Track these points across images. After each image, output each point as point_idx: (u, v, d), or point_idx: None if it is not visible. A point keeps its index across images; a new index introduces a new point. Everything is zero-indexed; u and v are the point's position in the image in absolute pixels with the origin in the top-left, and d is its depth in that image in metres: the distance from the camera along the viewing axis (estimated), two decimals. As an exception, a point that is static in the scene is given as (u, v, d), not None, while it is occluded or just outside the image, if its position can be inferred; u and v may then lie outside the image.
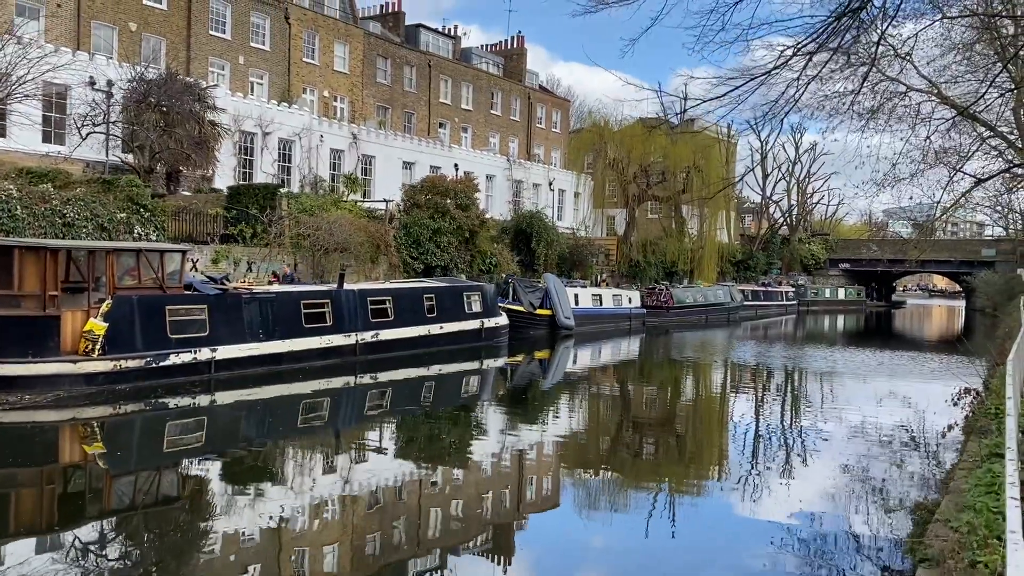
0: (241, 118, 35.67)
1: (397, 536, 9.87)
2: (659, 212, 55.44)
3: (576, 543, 9.74)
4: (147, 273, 16.88)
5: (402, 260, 32.11)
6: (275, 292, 19.64)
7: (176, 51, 36.99)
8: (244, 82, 40.02)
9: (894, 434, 15.95)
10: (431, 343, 23.97)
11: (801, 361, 30.25)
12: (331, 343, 20.42)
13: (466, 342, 25.52)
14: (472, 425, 17.20)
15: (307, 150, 39.11)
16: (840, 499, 11.26)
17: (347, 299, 21.07)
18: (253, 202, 27.25)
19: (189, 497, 11.27)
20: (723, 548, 9.38)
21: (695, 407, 21.01)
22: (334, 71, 44.56)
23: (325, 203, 32.19)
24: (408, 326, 23.00)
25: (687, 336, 38.78)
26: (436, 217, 33.45)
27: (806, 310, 61.06)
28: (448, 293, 25.12)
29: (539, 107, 60.23)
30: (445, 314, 24.55)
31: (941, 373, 21.00)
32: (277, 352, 19.10)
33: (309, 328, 19.87)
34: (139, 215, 22.99)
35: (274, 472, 12.71)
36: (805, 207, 75.58)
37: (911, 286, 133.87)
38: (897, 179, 24.80)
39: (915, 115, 23.39)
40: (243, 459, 13.41)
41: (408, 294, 23.46)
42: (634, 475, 12.96)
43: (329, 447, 14.84)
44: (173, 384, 17.00)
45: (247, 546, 9.19)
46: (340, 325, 20.76)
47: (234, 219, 26.53)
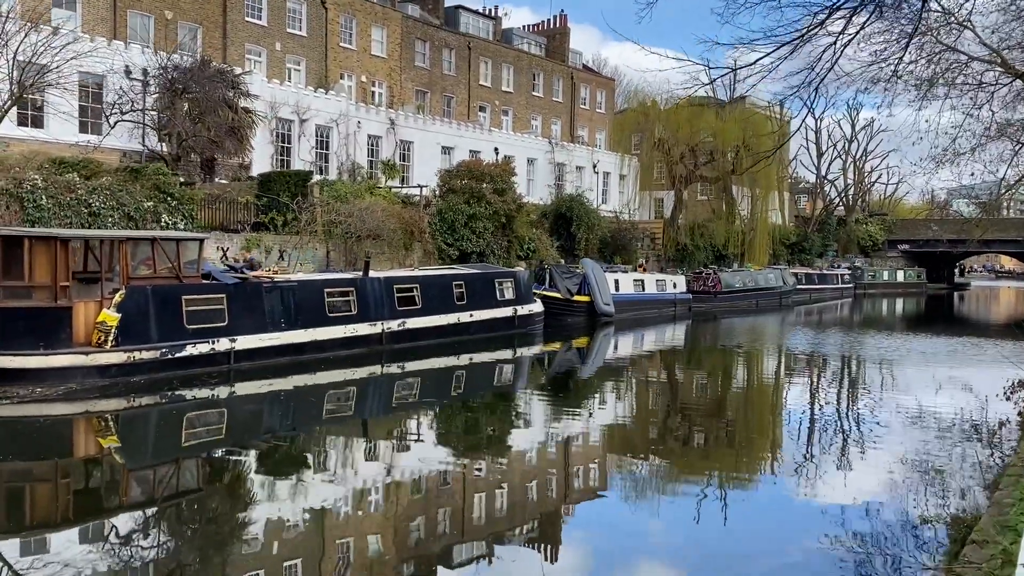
0: (278, 105, 35.46)
1: (441, 525, 9.64)
2: (709, 194, 53.85)
3: (625, 532, 9.50)
4: (163, 262, 16.53)
5: (436, 247, 31.48)
6: (297, 281, 19.18)
7: (212, 38, 36.90)
8: (281, 69, 39.80)
9: (947, 428, 14.78)
10: (461, 331, 23.32)
11: (852, 348, 28.87)
12: (356, 332, 19.90)
13: (498, 330, 24.81)
14: (509, 414, 16.73)
15: (344, 136, 38.74)
16: (886, 496, 10.50)
17: (372, 287, 20.52)
18: (284, 189, 26.88)
19: (212, 489, 10.96)
20: (774, 538, 9.19)
21: (743, 395, 20.19)
22: (372, 56, 44.08)
23: (359, 190, 31.73)
24: (437, 314, 22.38)
25: (736, 322, 37.49)
26: (472, 202, 32.70)
27: (863, 293, 58.86)
28: (479, 280, 24.41)
29: (583, 87, 58.98)
30: (476, 301, 23.86)
31: (1000, 361, 19.67)
32: (299, 342, 18.65)
33: (333, 317, 19.37)
34: (166, 204, 22.75)
35: (303, 462, 12.38)
36: (862, 187, 72.88)
37: (976, 267, 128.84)
38: (957, 154, 23.33)
39: (977, 86, 21.92)
40: (268, 450, 13.09)
41: (437, 281, 22.82)
42: (682, 464, 12.58)
43: (358, 437, 14.48)
44: (190, 376, 16.66)
45: (286, 537, 9.00)
46: (365, 314, 20.23)
47: (265, 207, 26.20)
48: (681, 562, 8.56)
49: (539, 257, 35.90)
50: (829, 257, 62.81)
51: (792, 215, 68.05)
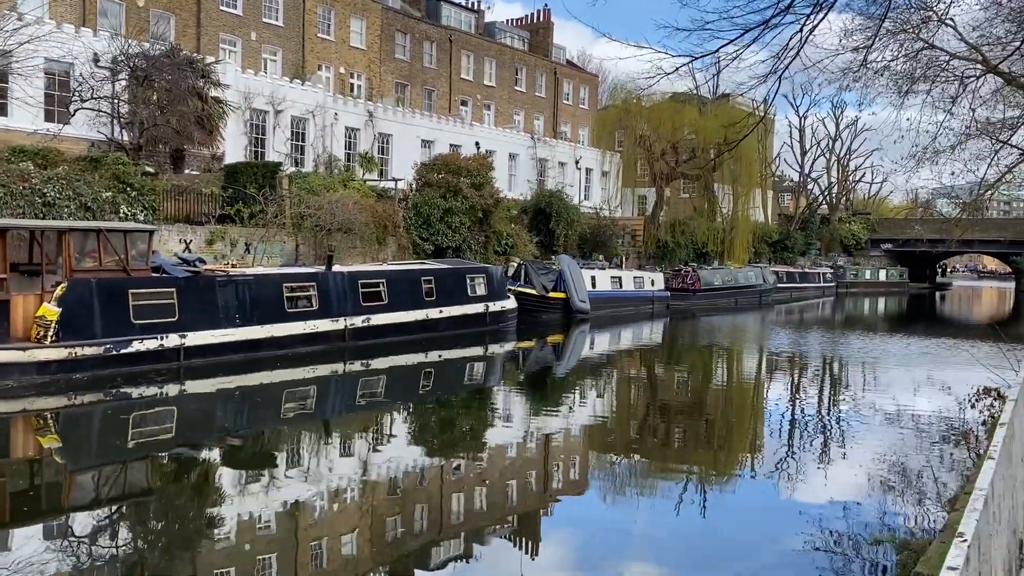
0: (252, 95, 34.76)
1: (411, 527, 9.37)
2: (691, 191, 53.50)
3: (604, 529, 9.46)
4: (110, 255, 15.90)
5: (411, 241, 30.93)
6: (254, 275, 18.57)
7: (185, 27, 36.14)
8: (257, 59, 39.06)
9: (919, 433, 14.48)
10: (430, 328, 22.77)
11: (828, 348, 28.55)
12: (317, 328, 19.33)
13: (469, 327, 24.29)
14: (480, 412, 16.41)
15: (321, 128, 38.06)
16: (844, 507, 10.06)
17: (335, 282, 19.94)
18: (252, 181, 26.25)
19: (162, 492, 10.50)
20: (751, 536, 9.20)
21: (719, 394, 19.95)
22: (350, 47, 43.38)
23: (332, 182, 31.12)
24: (404, 310, 21.82)
25: (714, 320, 37.14)
26: (448, 196, 32.13)
27: (845, 292, 58.70)
28: (449, 275, 23.86)
29: (566, 83, 58.46)
30: (446, 297, 23.32)
31: (973, 365, 19.38)
32: (255, 338, 18.07)
33: (292, 313, 18.78)
34: (126, 194, 22.08)
35: (261, 463, 11.95)
36: (846, 185, 72.73)
37: (959, 267, 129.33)
38: (937, 152, 22.98)
39: (958, 84, 21.59)
40: (222, 451, 12.67)
41: (404, 276, 22.26)
42: (659, 462, 12.56)
43: (321, 436, 14.04)
44: (137, 373, 16.06)
45: (242, 543, 8.71)
46: (327, 309, 19.65)
47: (231, 199, 25.57)
48: (661, 559, 8.55)
49: (517, 253, 35.40)
50: (812, 255, 62.60)
51: (776, 213, 67.80)
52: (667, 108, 47.40)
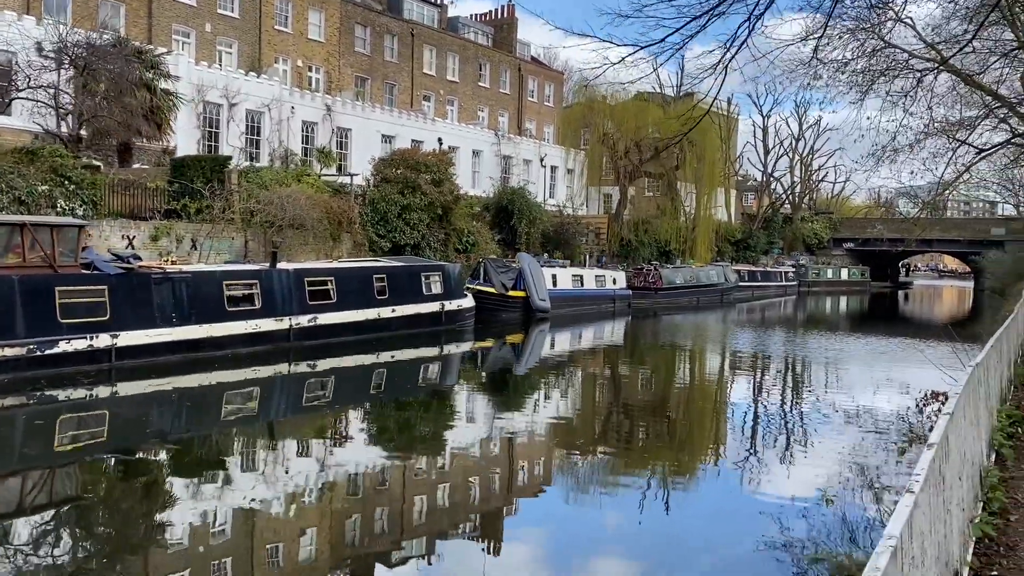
0: (205, 88, 33.86)
1: (353, 535, 9.12)
2: (655, 190, 53.39)
3: (565, 529, 9.43)
4: (35, 250, 15.10)
5: (368, 238, 30.26)
6: (192, 272, 17.82)
7: (136, 17, 35.11)
8: (211, 51, 38.07)
9: (875, 437, 14.17)
10: (381, 328, 22.14)
11: (787, 347, 28.46)
12: (259, 328, 18.63)
13: (423, 326, 23.72)
14: (434, 413, 16.01)
15: (277, 122, 37.21)
16: (808, 506, 9.93)
17: (280, 280, 19.25)
18: (199, 175, 25.43)
19: (92, 498, 9.95)
20: (713, 535, 9.20)
21: (679, 394, 19.76)
22: (308, 40, 42.52)
23: (285, 177, 30.34)
24: (353, 309, 21.17)
25: (676, 319, 36.97)
26: (406, 193, 31.51)
27: (807, 291, 58.98)
28: (402, 273, 23.25)
29: (531, 80, 58.01)
30: (399, 296, 22.72)
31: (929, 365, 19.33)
32: (193, 338, 17.34)
33: (233, 311, 18.07)
34: (64, 188, 21.19)
35: (200, 467, 11.46)
36: (808, 185, 73.21)
37: (921, 266, 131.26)
38: (896, 151, 22.92)
39: (916, 83, 21.53)
40: (158, 455, 12.08)
41: (354, 274, 21.61)
42: (621, 463, 12.43)
43: (264, 439, 13.54)
44: (64, 375, 15.30)
45: (180, 550, 8.29)
46: (271, 308, 18.96)
47: (177, 193, 24.74)
48: (623, 557, 8.49)
49: (479, 251, 34.88)
50: (775, 254, 62.89)
51: (739, 212, 68.03)
52: (631, 106, 47.18)
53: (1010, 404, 8.74)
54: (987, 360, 6.08)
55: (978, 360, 5.38)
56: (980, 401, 5.63)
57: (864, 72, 21.79)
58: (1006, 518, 4.96)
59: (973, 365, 5.02)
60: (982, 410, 5.73)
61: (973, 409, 5.20)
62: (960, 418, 3.95)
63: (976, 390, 5.27)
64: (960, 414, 3.99)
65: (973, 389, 5.05)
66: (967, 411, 4.92)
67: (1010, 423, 7.68)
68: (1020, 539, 4.68)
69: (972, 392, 5.08)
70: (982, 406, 5.71)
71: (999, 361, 7.42)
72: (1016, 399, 9.46)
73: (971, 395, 5.01)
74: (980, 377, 5.64)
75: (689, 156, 47.24)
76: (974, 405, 5.24)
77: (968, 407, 4.95)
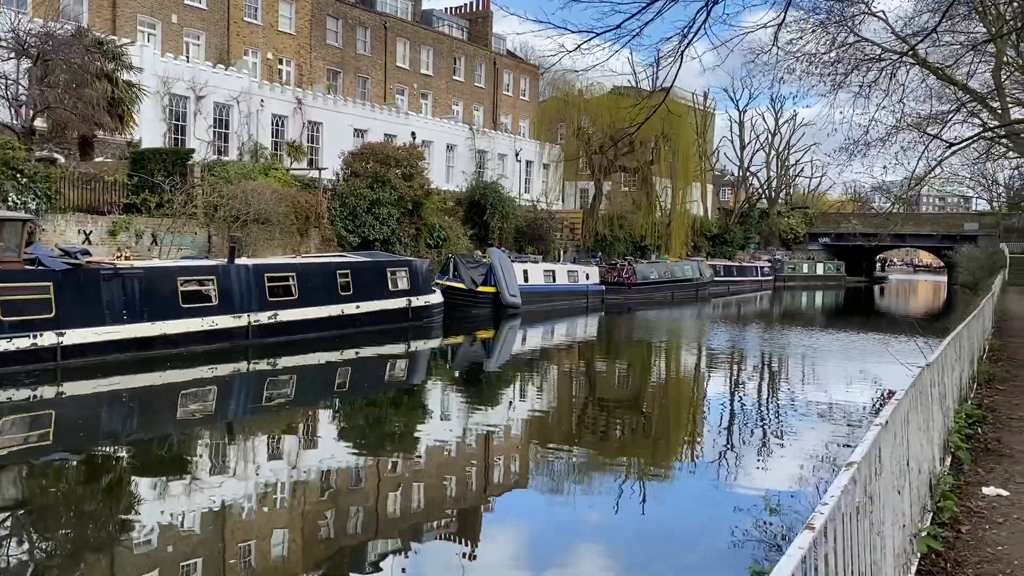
0: (171, 80, 33.22)
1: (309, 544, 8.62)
2: (631, 185, 53.17)
3: (539, 526, 9.33)
4: (-25, 246, 14.52)
5: (336, 233, 29.76)
6: (144, 268, 17.25)
7: (100, 8, 34.29)
8: (178, 43, 37.31)
9: (847, 428, 14.06)
10: (345, 324, 21.67)
11: (760, 343, 28.31)
12: (216, 325, 18.10)
13: (389, 323, 23.27)
14: (401, 411, 15.67)
15: (246, 115, 36.55)
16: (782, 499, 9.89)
17: (238, 275, 18.72)
18: (160, 168, 24.82)
19: (37, 503, 9.43)
20: (687, 530, 9.19)
21: (651, 390, 19.47)
22: (279, 32, 41.81)
23: (252, 171, 29.74)
24: (316, 306, 20.68)
25: (650, 315, 36.74)
26: (376, 187, 31.01)
27: (782, 286, 59.05)
28: (367, 269, 22.76)
29: (506, 74, 57.55)
30: (363, 292, 22.24)
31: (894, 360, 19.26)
32: (145, 336, 16.79)
33: (188, 308, 17.53)
34: (15, 181, 20.53)
35: (156, 468, 11.01)
36: (785, 179, 73.33)
37: (897, 261, 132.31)
38: (868, 144, 22.79)
39: (889, 77, 21.40)
40: (108, 457, 11.63)
41: (317, 270, 21.10)
42: (594, 459, 12.28)
43: (222, 439, 13.09)
44: (6, 374, 14.74)
45: (130, 558, 7.92)
46: (229, 305, 18.43)
47: (136, 187, 24.12)
48: (600, 550, 8.44)
49: (451, 246, 34.45)
50: (751, 249, 62.91)
51: (716, 207, 68.02)
52: (605, 101, 46.89)
53: (972, 403, 8.47)
54: (942, 360, 5.78)
55: (929, 360, 5.07)
56: (933, 403, 5.32)
57: (836, 63, 21.62)
58: (956, 529, 4.65)
59: (921, 367, 4.71)
60: (935, 412, 5.43)
61: (924, 412, 4.89)
62: (898, 427, 3.62)
63: (927, 391, 4.96)
64: (899, 422, 3.66)
65: (922, 392, 4.73)
66: (915, 415, 4.61)
67: (969, 423, 7.41)
68: (971, 553, 4.37)
69: (921, 395, 4.77)
70: (935, 408, 5.40)
71: (959, 359, 7.14)
72: (978, 397, 9.20)
73: (919, 398, 4.69)
74: (932, 379, 5.33)
75: (664, 150, 47.05)
76: (924, 408, 4.93)
77: (917, 411, 4.64)
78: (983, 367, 10.42)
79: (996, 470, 6.07)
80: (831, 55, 21.06)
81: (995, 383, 10.40)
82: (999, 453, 6.59)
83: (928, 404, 5.11)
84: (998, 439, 7.09)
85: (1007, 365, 12.26)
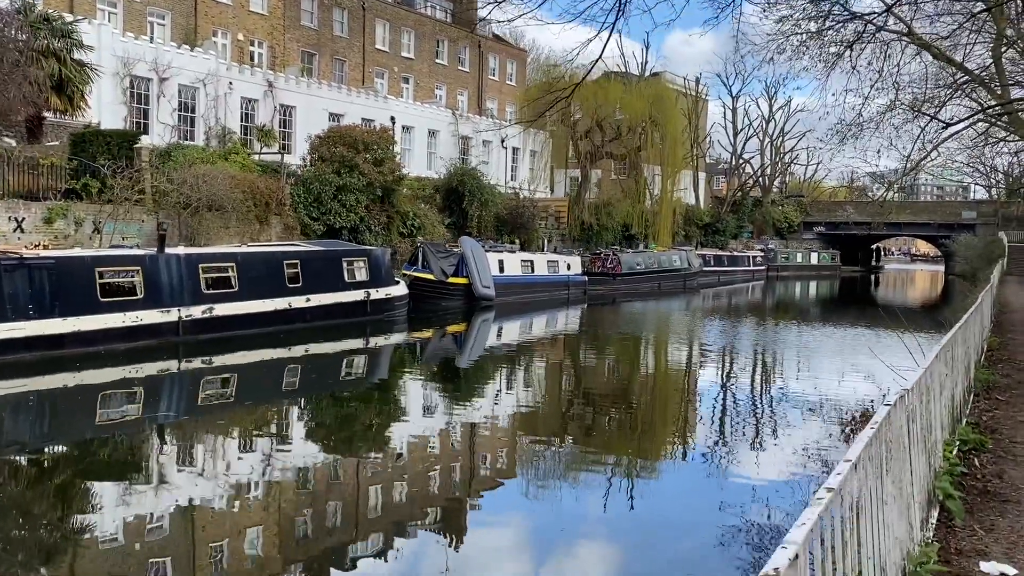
0: (132, 61, 31.60)
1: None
2: (620, 172, 51.58)
3: (517, 525, 9.02)
4: None
5: (300, 221, 28.18)
6: (56, 258, 15.67)
7: (55, -16, 32.57)
8: (142, 22, 35.65)
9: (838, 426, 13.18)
10: (294, 319, 20.10)
11: (750, 338, 26.87)
12: (141, 321, 16.53)
13: (345, 316, 21.71)
14: (357, 412, 14.48)
15: (213, 99, 34.95)
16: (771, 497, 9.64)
17: (168, 266, 17.12)
18: (103, 151, 23.24)
19: None
20: (673, 527, 8.91)
21: (633, 386, 18.31)
22: (250, 12, 40.11)
23: (212, 156, 28.16)
24: (260, 299, 19.10)
25: (635, 306, 35.26)
26: (343, 172, 29.37)
27: (776, 276, 57.53)
28: (319, 258, 21.17)
29: (492, 57, 55.83)
30: (315, 283, 20.67)
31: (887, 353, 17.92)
32: (55, 333, 15.23)
33: (108, 302, 15.97)
34: (-63, 164, 18.96)
35: (70, 479, 10.00)
36: (779, 167, 71.65)
37: (894, 250, 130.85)
38: (860, 127, 21.53)
39: (883, 57, 20.04)
40: (12, 469, 10.39)
41: (261, 260, 19.50)
42: (578, 458, 11.77)
43: (149, 445, 11.86)
44: None
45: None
46: (156, 298, 16.85)
47: (76, 171, 22.55)
48: (586, 545, 8.28)
49: (426, 234, 32.88)
50: (744, 238, 61.34)
51: (709, 195, 66.39)
52: (592, 86, 45.18)
53: (967, 421, 6.96)
54: (926, 381, 4.27)
55: (904, 389, 3.56)
56: (913, 445, 3.79)
57: (827, 42, 20.30)
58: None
59: (889, 404, 3.21)
60: (915, 456, 3.90)
61: (896, 465, 3.37)
62: (846, 498, 2.16)
63: (900, 431, 3.43)
64: (851, 492, 2.21)
65: (894, 439, 3.21)
66: (887, 467, 3.10)
67: (964, 451, 5.90)
68: None
69: (893, 440, 3.23)
70: (915, 450, 3.87)
71: (951, 372, 5.63)
72: (976, 412, 7.68)
73: (889, 445, 3.16)
74: (912, 411, 3.80)
75: (652, 136, 45.42)
76: (898, 458, 3.41)
77: (887, 463, 3.12)
78: (981, 373, 8.90)
79: (999, 526, 4.55)
80: (825, 35, 19.79)
81: (995, 391, 8.89)
82: (1003, 498, 5.07)
83: (902, 452, 3.59)
84: (1000, 474, 5.57)
85: (1008, 368, 10.76)
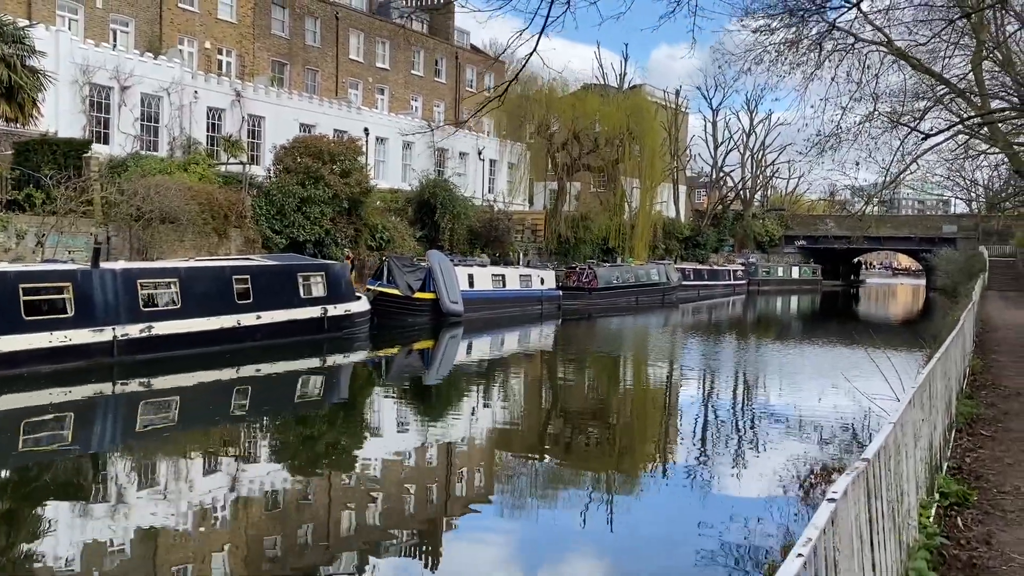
0: (92, 69, 30.50)
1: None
2: (598, 184, 50.83)
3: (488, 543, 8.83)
4: None
5: (261, 234, 27.14)
6: (-29, 273, 14.59)
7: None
8: (104, 29, 34.60)
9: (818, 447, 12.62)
10: (243, 337, 19.00)
11: (730, 357, 26.02)
12: (70, 341, 15.42)
13: (300, 334, 20.65)
14: (314, 435, 13.73)
15: (178, 108, 33.84)
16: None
17: (102, 282, 16.03)
18: (48, 161, 22.16)
19: None
20: (651, 539, 8.93)
21: (605, 406, 17.59)
22: (218, 20, 39.14)
23: (169, 166, 27.10)
24: (204, 316, 18.00)
25: (612, 322, 34.39)
26: (308, 184, 28.37)
27: (757, 290, 56.87)
28: (272, 273, 20.11)
29: (469, 69, 55.04)
30: (267, 300, 19.59)
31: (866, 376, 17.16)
32: (-32, 355, 14.12)
33: (31, 321, 14.86)
34: None
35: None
36: (760, 180, 71.20)
37: (876, 264, 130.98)
38: (839, 138, 20.99)
39: (862, 68, 19.49)
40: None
41: (206, 275, 18.42)
42: (543, 479, 11.48)
43: (83, 475, 11.05)
44: None
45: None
46: (88, 316, 15.75)
47: (18, 181, 21.46)
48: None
49: (395, 248, 31.89)
50: (725, 252, 60.70)
51: (690, 209, 65.78)
52: (569, 97, 44.59)
53: (948, 467, 6.05)
54: (897, 437, 3.36)
55: (865, 460, 2.65)
56: (876, 532, 2.85)
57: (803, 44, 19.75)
58: None
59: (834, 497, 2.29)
60: (885, 532, 2.94)
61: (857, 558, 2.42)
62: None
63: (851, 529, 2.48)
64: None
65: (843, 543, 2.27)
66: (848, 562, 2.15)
67: (944, 506, 4.99)
68: None
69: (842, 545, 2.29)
70: (879, 538, 2.92)
71: (928, 416, 4.72)
72: (959, 452, 6.78)
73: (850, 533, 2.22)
74: (877, 482, 2.87)
75: (630, 149, 44.70)
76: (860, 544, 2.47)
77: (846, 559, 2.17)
78: (964, 406, 8.01)
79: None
80: (803, 45, 19.30)
81: (979, 425, 8.00)
82: (991, 573, 4.14)
83: (866, 538, 2.64)
84: (987, 539, 4.65)
85: (992, 395, 9.91)
